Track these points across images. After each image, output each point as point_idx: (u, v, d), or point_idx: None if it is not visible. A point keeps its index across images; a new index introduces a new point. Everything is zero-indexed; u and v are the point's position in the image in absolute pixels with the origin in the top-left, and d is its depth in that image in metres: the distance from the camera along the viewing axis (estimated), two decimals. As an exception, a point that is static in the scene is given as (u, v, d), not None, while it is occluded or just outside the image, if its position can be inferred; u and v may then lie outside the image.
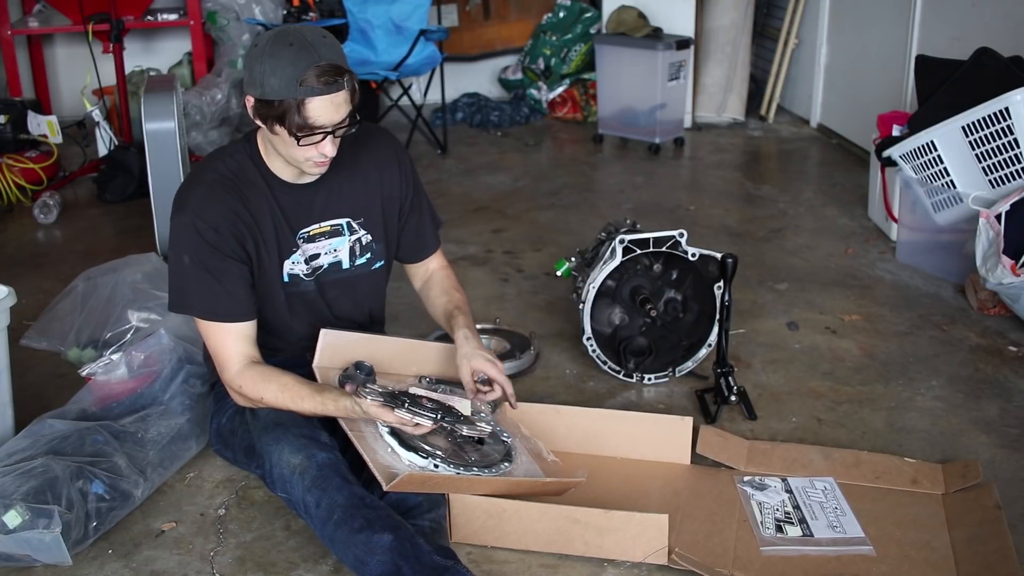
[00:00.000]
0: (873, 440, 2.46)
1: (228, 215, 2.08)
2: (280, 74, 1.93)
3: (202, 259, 2.06)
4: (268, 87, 1.94)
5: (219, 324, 2.09)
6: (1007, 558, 1.94)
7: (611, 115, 5.27)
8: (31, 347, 2.84)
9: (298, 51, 1.93)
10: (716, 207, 4.29)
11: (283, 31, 1.98)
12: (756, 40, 5.78)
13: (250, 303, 2.12)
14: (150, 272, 2.87)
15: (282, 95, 1.94)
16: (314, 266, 2.21)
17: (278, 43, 1.95)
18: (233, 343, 2.10)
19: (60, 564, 2.00)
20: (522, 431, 2.25)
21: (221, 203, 2.08)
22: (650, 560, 1.98)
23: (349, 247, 2.24)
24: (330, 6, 5.38)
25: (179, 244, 2.08)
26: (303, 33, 1.97)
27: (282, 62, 1.93)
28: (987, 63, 3.23)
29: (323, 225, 2.20)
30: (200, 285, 2.07)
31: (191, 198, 2.09)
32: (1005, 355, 2.89)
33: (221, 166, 2.13)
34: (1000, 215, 2.92)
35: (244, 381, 2.08)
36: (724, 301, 2.60)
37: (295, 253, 2.18)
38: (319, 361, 2.19)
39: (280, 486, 1.98)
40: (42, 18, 5.36)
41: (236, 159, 2.14)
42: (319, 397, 2.05)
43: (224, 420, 2.21)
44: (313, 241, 2.19)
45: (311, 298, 2.23)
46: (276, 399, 2.06)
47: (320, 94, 1.94)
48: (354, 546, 1.85)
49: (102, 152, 4.45)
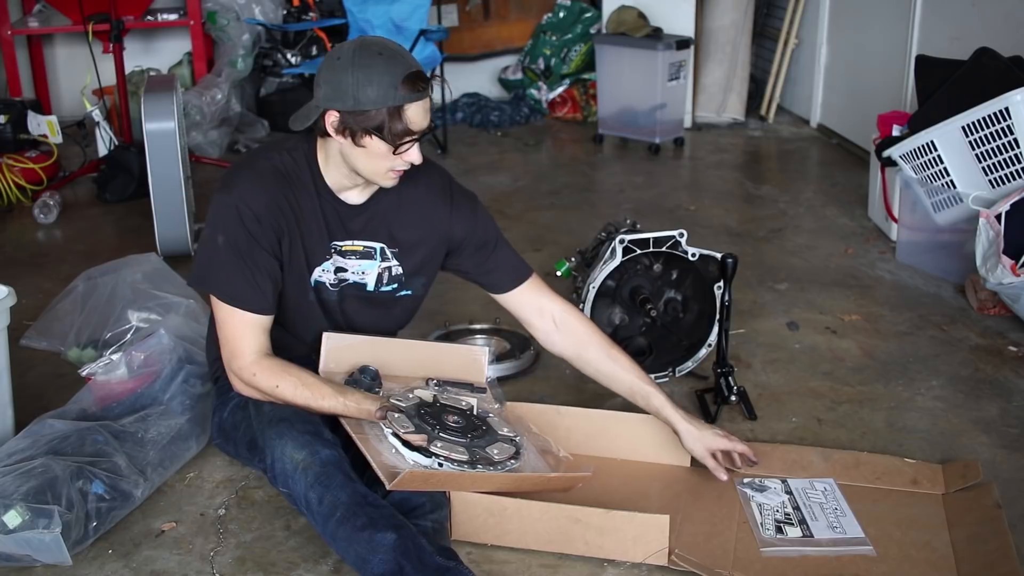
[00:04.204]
0: (873, 440, 2.46)
1: (273, 207, 2.07)
2: (378, 82, 1.95)
3: (237, 243, 2.06)
4: (364, 97, 1.96)
5: (240, 311, 2.08)
6: (1007, 558, 1.94)
7: (611, 115, 5.27)
8: (31, 347, 2.84)
9: (389, 59, 1.97)
10: (716, 207, 4.29)
11: (365, 43, 2.01)
12: (756, 40, 5.78)
13: (273, 298, 2.11)
14: (150, 272, 2.87)
15: (380, 103, 1.96)
16: (340, 278, 2.21)
17: (366, 54, 1.97)
18: (251, 332, 2.08)
19: (60, 564, 2.00)
20: (530, 428, 2.25)
21: (268, 193, 2.08)
22: (650, 561, 1.98)
23: (378, 273, 2.23)
24: (330, 6, 5.39)
25: (217, 223, 2.08)
26: (384, 43, 2.01)
27: (377, 71, 1.95)
28: (987, 63, 3.23)
29: (356, 244, 2.19)
30: (229, 268, 2.06)
31: (240, 181, 2.09)
32: (1005, 355, 2.89)
33: (277, 158, 2.12)
34: (1000, 215, 2.92)
35: (259, 370, 2.07)
36: (724, 301, 2.60)
37: (327, 261, 2.18)
38: (324, 366, 2.18)
39: (282, 481, 1.97)
40: (42, 18, 5.37)
41: (293, 156, 2.13)
42: (341, 398, 2.04)
43: (226, 413, 2.19)
44: (344, 256, 2.19)
45: (330, 307, 2.23)
46: (293, 393, 2.05)
47: (416, 100, 1.98)
48: (356, 544, 1.85)
49: (102, 152, 4.45)
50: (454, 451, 2.01)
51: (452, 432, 2.05)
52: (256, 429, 2.07)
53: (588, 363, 2.32)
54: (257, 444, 2.06)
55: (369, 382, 2.14)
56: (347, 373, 2.18)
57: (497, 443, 2.09)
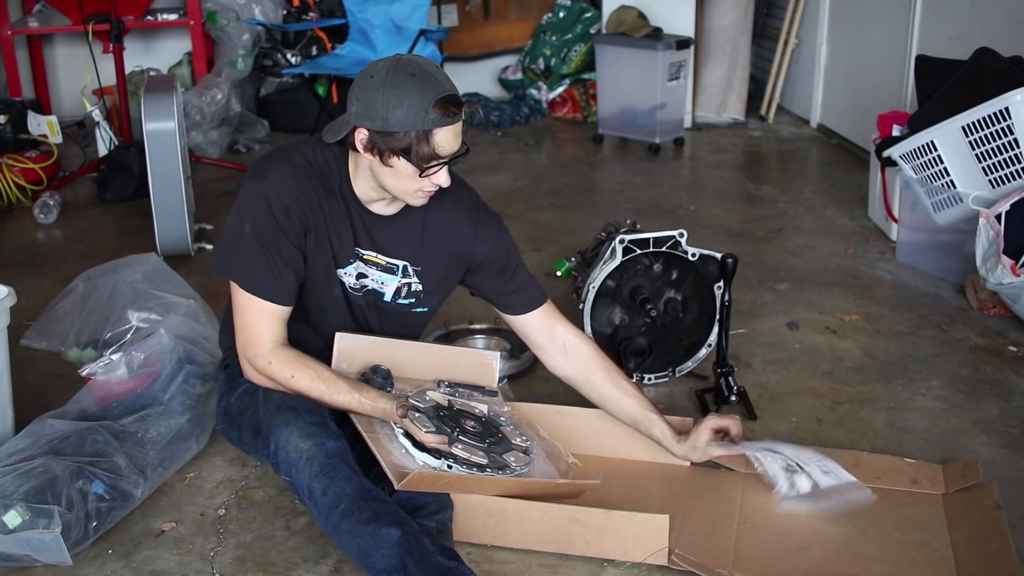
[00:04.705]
0: (873, 440, 2.46)
1: (303, 201, 2.07)
2: (408, 104, 1.93)
3: (264, 233, 2.05)
4: (393, 119, 1.94)
5: (260, 300, 2.07)
6: (1007, 558, 1.94)
7: (611, 115, 5.27)
8: (31, 347, 2.83)
9: (422, 81, 1.94)
10: (716, 207, 4.29)
11: (400, 62, 1.98)
12: (756, 40, 5.78)
13: (295, 290, 2.11)
14: (150, 272, 2.86)
15: (408, 126, 1.95)
16: (361, 284, 2.21)
17: (399, 74, 1.95)
18: (269, 321, 2.08)
19: (60, 564, 2.00)
20: (540, 433, 2.25)
21: (300, 187, 2.07)
22: (650, 560, 1.98)
23: (396, 287, 2.23)
24: (330, 6, 5.39)
25: (245, 210, 2.07)
26: (421, 64, 1.98)
27: (408, 92, 1.93)
28: (987, 63, 3.23)
29: (380, 258, 2.19)
30: (254, 257, 2.06)
31: (273, 170, 2.08)
32: (1005, 355, 2.89)
33: (311, 154, 2.12)
34: (1000, 215, 2.92)
35: (276, 359, 2.06)
36: (724, 301, 2.60)
37: (351, 265, 2.18)
38: (336, 365, 2.18)
39: (285, 469, 1.96)
40: (42, 18, 5.37)
41: (327, 157, 2.12)
42: (356, 394, 2.04)
43: (234, 399, 2.18)
44: (366, 264, 2.19)
45: (353, 302, 2.22)
46: (308, 385, 2.05)
47: (446, 125, 1.97)
48: (359, 537, 1.84)
49: (102, 152, 4.45)
50: (475, 454, 2.01)
51: (471, 436, 2.06)
52: (262, 416, 2.06)
53: (593, 388, 2.31)
54: (262, 430, 2.05)
55: (381, 381, 2.14)
56: (359, 372, 2.18)
57: (512, 451, 2.10)
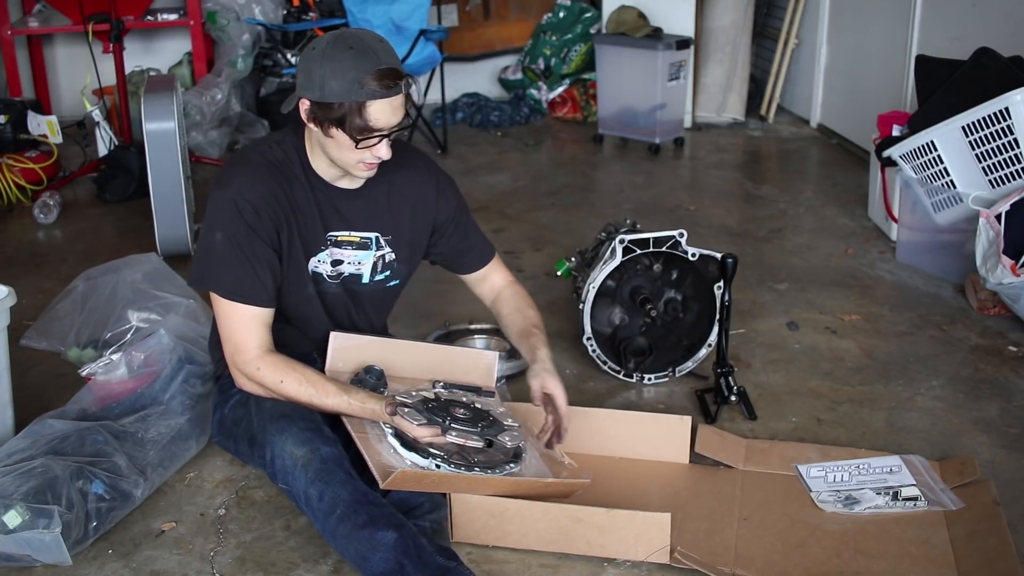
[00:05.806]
0: (873, 440, 2.46)
1: (269, 199, 2.08)
2: (341, 77, 1.95)
3: (236, 238, 2.06)
4: (328, 90, 1.97)
5: (241, 306, 2.08)
6: (1006, 553, 1.95)
7: (611, 115, 5.27)
8: (31, 347, 2.84)
9: (358, 55, 1.96)
10: (716, 207, 4.29)
11: (341, 35, 2.01)
12: (756, 40, 5.78)
13: (273, 291, 2.12)
14: (150, 272, 2.87)
15: (343, 98, 1.97)
16: (337, 271, 2.22)
17: (337, 47, 1.97)
18: (253, 326, 2.09)
19: (60, 564, 2.00)
20: (535, 433, 2.25)
21: (264, 186, 2.09)
22: (652, 559, 1.99)
23: (372, 262, 2.24)
24: (330, 6, 5.39)
25: (215, 220, 2.08)
26: (361, 37, 2.00)
27: (343, 65, 1.95)
28: (987, 63, 3.23)
29: (353, 235, 2.20)
30: (230, 263, 2.07)
31: (235, 177, 2.10)
32: (1005, 355, 2.89)
33: (268, 151, 2.14)
34: (1000, 215, 2.92)
35: (264, 365, 2.07)
36: (724, 301, 2.60)
37: (323, 252, 2.19)
38: (331, 365, 2.18)
39: (281, 477, 1.97)
40: (42, 18, 5.37)
41: (282, 148, 2.15)
42: (345, 396, 2.05)
43: (227, 410, 2.19)
44: (340, 247, 2.20)
45: (330, 300, 2.24)
46: (297, 390, 2.05)
47: (381, 97, 1.97)
48: (356, 541, 1.85)
49: (102, 152, 4.45)
50: (470, 438, 2.02)
51: (462, 422, 2.06)
52: (257, 425, 2.06)
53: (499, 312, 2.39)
54: (257, 440, 2.05)
55: (374, 382, 2.14)
56: (353, 373, 2.18)
57: (506, 431, 2.11)
